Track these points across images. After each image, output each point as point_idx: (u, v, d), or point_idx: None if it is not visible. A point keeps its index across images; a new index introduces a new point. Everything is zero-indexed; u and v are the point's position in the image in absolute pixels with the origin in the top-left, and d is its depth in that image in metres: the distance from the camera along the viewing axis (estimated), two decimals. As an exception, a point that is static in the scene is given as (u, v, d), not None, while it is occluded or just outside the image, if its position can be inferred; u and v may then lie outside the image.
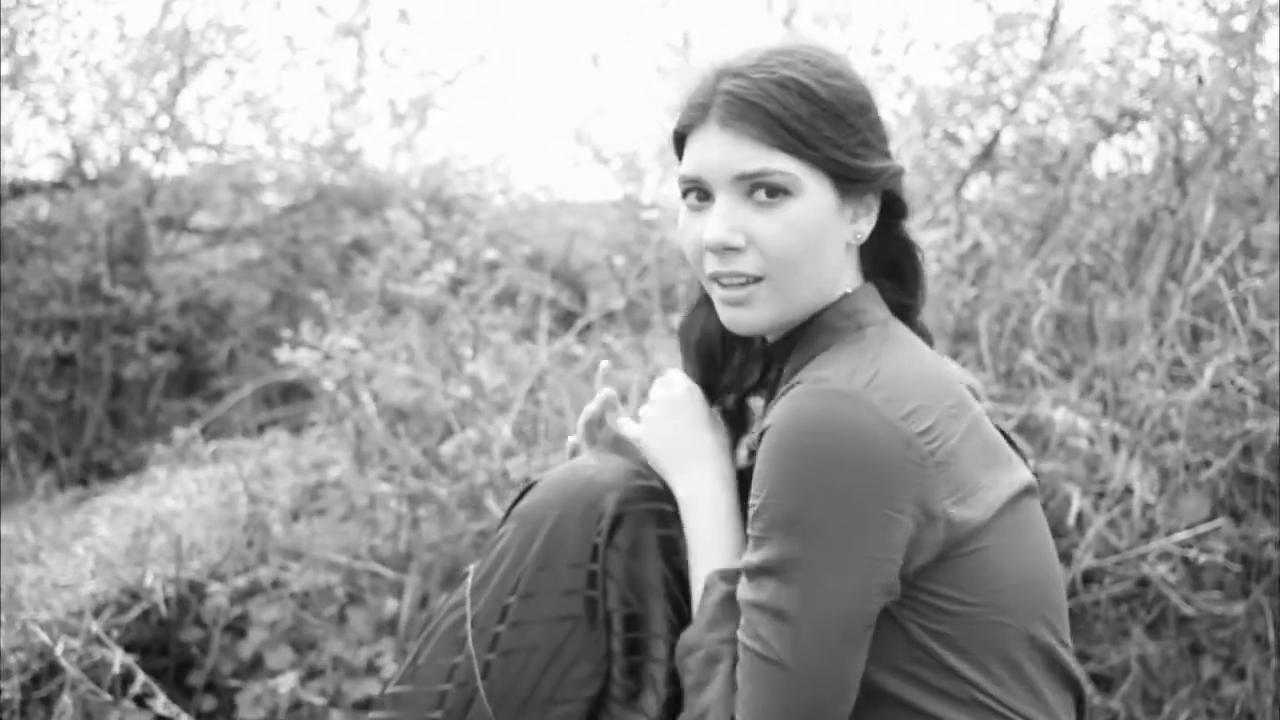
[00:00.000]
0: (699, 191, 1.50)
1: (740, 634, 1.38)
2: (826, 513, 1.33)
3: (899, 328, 1.54)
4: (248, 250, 5.69)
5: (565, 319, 4.62)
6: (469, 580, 1.58)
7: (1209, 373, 3.04)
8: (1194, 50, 3.83)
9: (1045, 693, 1.47)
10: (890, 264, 1.59)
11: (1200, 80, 3.75)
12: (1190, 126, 3.74)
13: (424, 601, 2.95)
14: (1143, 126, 3.91)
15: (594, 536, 1.52)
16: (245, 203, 5.64)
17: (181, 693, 2.88)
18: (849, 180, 1.46)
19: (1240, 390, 3.06)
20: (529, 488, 1.61)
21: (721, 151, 1.46)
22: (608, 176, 5.96)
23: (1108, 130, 3.89)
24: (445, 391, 3.18)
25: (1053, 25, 4.51)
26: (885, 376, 1.40)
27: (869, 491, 1.33)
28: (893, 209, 1.54)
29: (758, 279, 1.47)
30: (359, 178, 5.58)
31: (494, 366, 3.29)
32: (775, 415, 1.38)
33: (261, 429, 4.62)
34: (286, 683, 2.75)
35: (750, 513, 1.39)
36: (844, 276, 1.53)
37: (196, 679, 2.88)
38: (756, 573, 1.37)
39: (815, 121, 1.43)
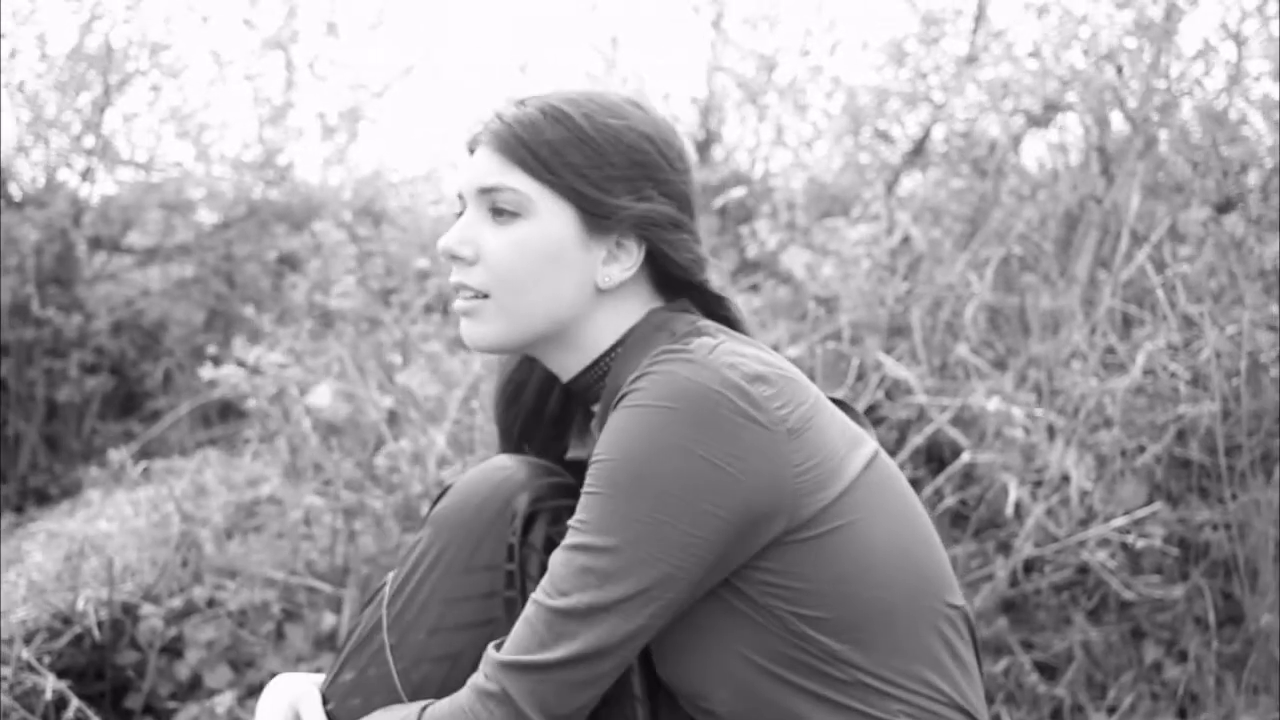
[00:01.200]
0: (460, 210, 1.54)
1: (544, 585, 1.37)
2: (650, 510, 1.32)
3: (715, 324, 1.52)
4: (181, 269, 5.62)
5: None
6: (386, 590, 1.55)
7: (1141, 359, 3.07)
8: (1114, 42, 3.86)
9: (944, 658, 1.45)
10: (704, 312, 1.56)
11: (1120, 70, 3.78)
12: (1114, 117, 3.77)
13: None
14: (1067, 118, 3.94)
15: (509, 536, 1.50)
16: (176, 220, 5.58)
17: (119, 717, 2.84)
18: (591, 214, 1.46)
19: (1172, 375, 3.08)
20: (444, 492, 1.59)
21: (475, 166, 1.50)
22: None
23: (1034, 122, 3.92)
24: (376, 403, 3.16)
25: (978, 20, 4.54)
26: (726, 349, 1.39)
27: (710, 481, 1.32)
28: (667, 265, 1.50)
29: (484, 295, 1.49)
30: (290, 192, 5.53)
31: (427, 376, 3.27)
32: (623, 393, 1.37)
33: (199, 447, 4.57)
34: (224, 702, 2.72)
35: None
36: (607, 315, 1.51)
37: (134, 702, 2.84)
38: (573, 574, 1.34)
39: (564, 149, 1.44)
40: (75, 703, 2.58)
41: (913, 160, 4.55)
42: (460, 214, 1.53)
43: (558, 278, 1.47)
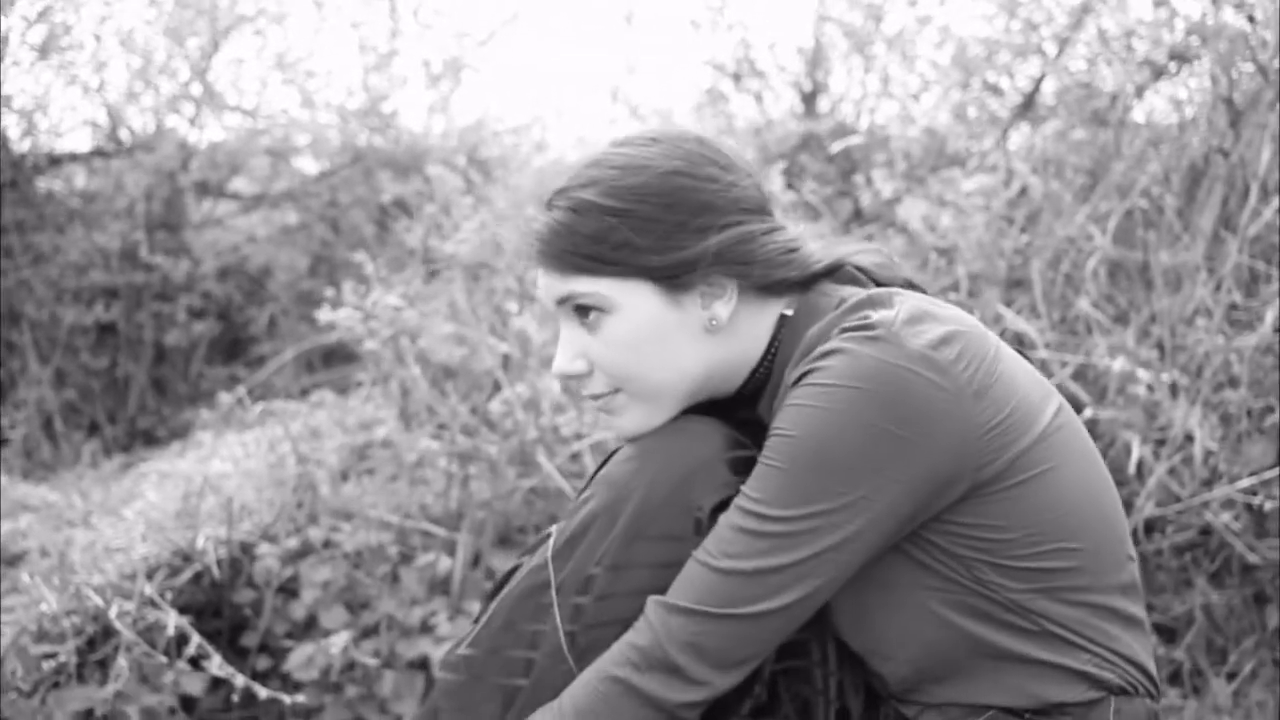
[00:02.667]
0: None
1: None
2: (837, 487, 1.32)
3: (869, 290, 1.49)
4: (285, 215, 5.67)
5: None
6: (550, 543, 1.51)
7: (1271, 316, 2.98)
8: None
9: (1125, 609, 1.46)
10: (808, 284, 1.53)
11: (1252, 20, 3.67)
12: (1243, 67, 3.67)
13: (476, 560, 2.93)
14: (1193, 68, 3.84)
15: (694, 510, 1.44)
16: (281, 167, 5.61)
17: (235, 654, 2.86)
18: (665, 279, 1.43)
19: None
20: (615, 451, 1.55)
21: (543, 284, 1.49)
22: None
23: (1157, 72, 3.82)
24: (492, 348, 3.15)
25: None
26: (905, 316, 1.37)
27: (898, 454, 1.32)
28: (761, 276, 1.47)
29: (615, 391, 1.48)
30: (395, 140, 5.55)
31: (540, 323, 3.26)
32: (806, 370, 1.37)
33: (304, 393, 4.61)
34: (339, 642, 2.73)
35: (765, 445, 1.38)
36: (737, 340, 1.49)
37: (250, 640, 2.87)
38: (739, 537, 1.36)
39: (607, 235, 1.41)
40: (196, 639, 2.60)
41: (1022, 113, 4.47)
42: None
43: (669, 349, 1.46)
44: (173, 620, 2.61)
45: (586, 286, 1.43)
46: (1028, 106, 4.45)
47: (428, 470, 3.08)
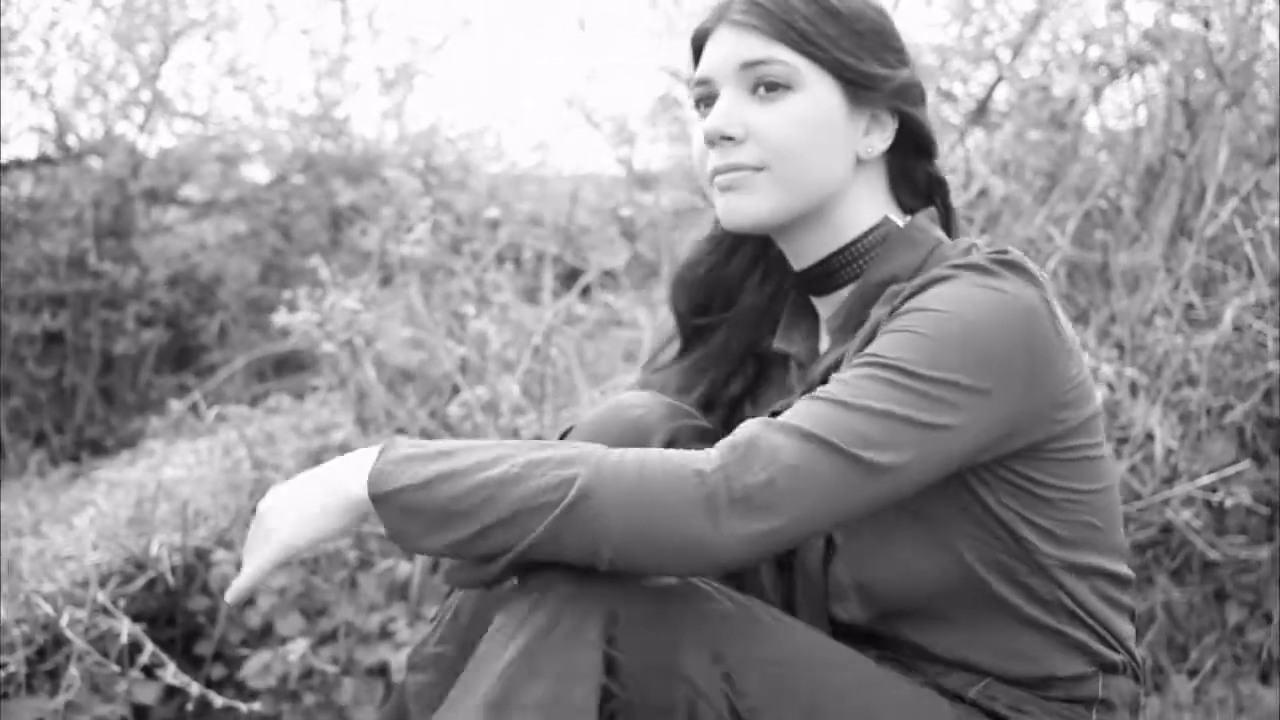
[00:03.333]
0: (708, 97, 1.50)
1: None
2: (975, 368, 1.30)
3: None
4: (236, 222, 5.60)
5: (567, 278, 4.55)
6: None
7: (1229, 315, 3.00)
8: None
9: (1122, 599, 1.48)
10: (921, 197, 1.54)
11: (1207, 24, 3.70)
12: (1200, 71, 3.69)
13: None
14: (1149, 71, 3.86)
15: None
16: (232, 174, 5.55)
17: (190, 662, 2.82)
18: (855, 85, 1.45)
19: (1259, 333, 3.02)
20: (568, 430, 1.55)
21: (727, 46, 1.46)
22: (599, 141, 5.90)
23: (1113, 74, 3.84)
24: (450, 351, 3.12)
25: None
26: (1026, 261, 1.39)
27: (1022, 370, 1.32)
28: (916, 138, 1.50)
29: (758, 169, 1.45)
30: (347, 146, 5.50)
31: (498, 326, 3.23)
32: (941, 274, 1.36)
33: (255, 402, 4.55)
34: (296, 649, 2.70)
35: (884, 331, 1.35)
36: (861, 194, 1.49)
37: (205, 648, 2.83)
38: (875, 381, 1.30)
39: (821, 22, 1.43)
40: (149, 647, 2.56)
41: (977, 119, 4.48)
42: (704, 108, 1.51)
43: (831, 148, 1.45)
44: (126, 628, 2.57)
45: (787, 56, 1.43)
46: (982, 112, 4.46)
47: (386, 475, 3.03)
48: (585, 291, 4.17)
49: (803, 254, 1.52)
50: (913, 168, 1.52)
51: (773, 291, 1.65)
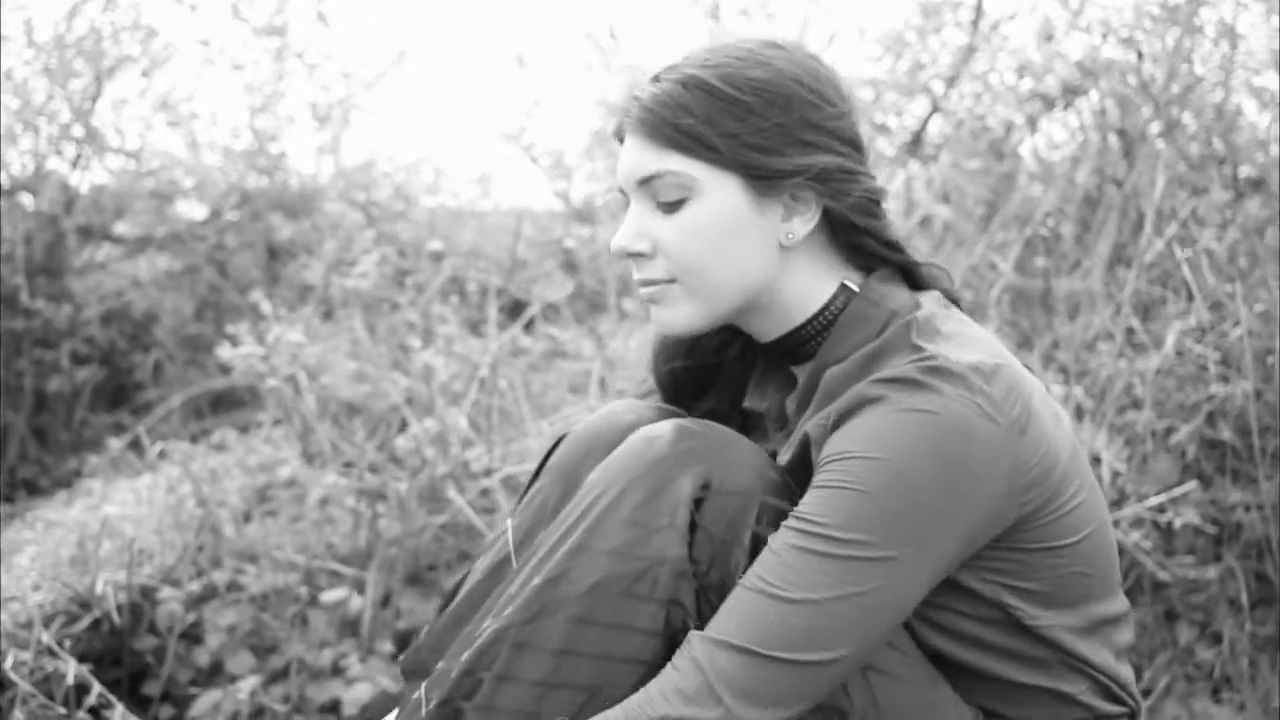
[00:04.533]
0: (625, 202, 1.47)
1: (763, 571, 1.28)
2: (920, 521, 1.27)
3: (925, 297, 1.46)
4: (171, 259, 5.55)
5: (510, 310, 4.54)
6: (509, 536, 1.49)
7: (1171, 339, 3.03)
8: (1130, 25, 3.85)
9: (1118, 638, 1.47)
10: (874, 259, 1.49)
11: (1139, 55, 3.76)
12: (1135, 100, 3.75)
13: (387, 599, 2.86)
14: (1084, 101, 3.92)
15: (675, 498, 1.38)
16: (167, 210, 5.50)
17: (137, 703, 2.76)
18: (757, 178, 1.39)
19: (1200, 356, 3.06)
20: (561, 439, 1.55)
21: (628, 157, 1.43)
22: (537, 175, 5.90)
23: (1049, 104, 3.90)
24: (396, 384, 3.10)
25: (979, 11, 4.52)
26: (962, 344, 1.35)
27: (976, 491, 1.29)
28: (845, 216, 1.43)
29: (670, 281, 1.43)
30: (283, 182, 5.47)
31: (444, 358, 3.21)
32: (870, 393, 1.31)
33: (195, 440, 4.50)
34: (247, 688, 2.65)
35: (819, 485, 1.31)
36: (799, 275, 1.45)
37: (153, 688, 2.77)
38: (811, 563, 1.27)
39: (714, 118, 1.37)
40: (97, 688, 2.50)
41: (912, 151, 4.52)
42: (625, 203, 1.47)
43: (739, 249, 1.41)
44: (72, 669, 2.51)
45: (679, 165, 1.38)
46: (916, 144, 4.51)
47: (334, 509, 3.00)
48: (529, 324, 4.16)
49: (761, 334, 1.51)
50: (853, 238, 1.46)
51: (751, 358, 1.64)
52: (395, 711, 1.50)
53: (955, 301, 1.52)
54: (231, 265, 5.41)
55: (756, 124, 1.37)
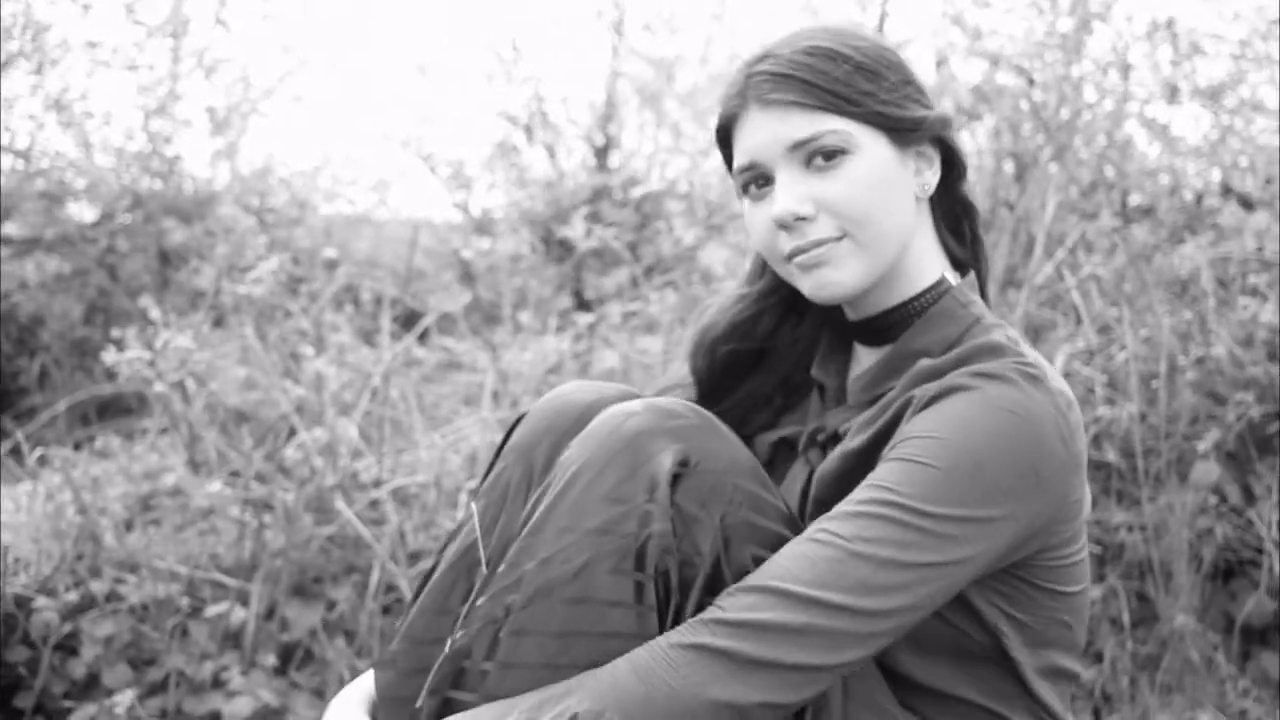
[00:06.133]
0: (758, 179, 1.48)
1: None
2: (981, 502, 1.30)
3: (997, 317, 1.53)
4: (60, 261, 5.43)
5: (405, 321, 4.50)
6: (475, 521, 1.49)
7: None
8: (1023, 53, 3.91)
9: (1065, 695, 1.50)
10: (954, 222, 1.56)
11: (1031, 81, 3.82)
12: (1025, 126, 3.81)
13: (271, 611, 2.82)
14: (979, 125, 3.97)
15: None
16: (56, 211, 5.38)
17: (9, 716, 2.69)
18: (900, 131, 1.45)
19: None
20: (519, 420, 1.55)
21: (768, 129, 1.45)
22: (436, 185, 5.87)
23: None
24: (286, 392, 3.05)
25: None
26: (1049, 367, 1.40)
27: (1028, 493, 1.33)
28: (952, 165, 1.52)
29: (838, 239, 1.45)
30: (178, 186, 5.38)
31: (336, 368, 3.17)
32: (965, 382, 1.35)
33: (79, 447, 4.40)
34: (123, 702, 2.59)
35: (899, 453, 1.34)
36: (923, 236, 1.51)
37: (25, 700, 2.70)
38: (879, 519, 1.29)
39: (852, 79, 1.43)
40: (-34, 700, 2.44)
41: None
42: (755, 188, 1.48)
43: (896, 200, 1.45)
44: (-59, 680, 2.45)
45: (835, 124, 1.42)
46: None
47: (219, 519, 2.95)
48: (424, 335, 4.13)
49: (862, 308, 1.53)
50: (950, 193, 1.53)
51: (807, 332, 1.66)
52: (355, 697, 1.50)
53: None
54: (122, 269, 5.31)
55: (884, 82, 1.44)
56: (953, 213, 1.55)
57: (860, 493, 1.33)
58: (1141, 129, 4.28)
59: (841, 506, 1.33)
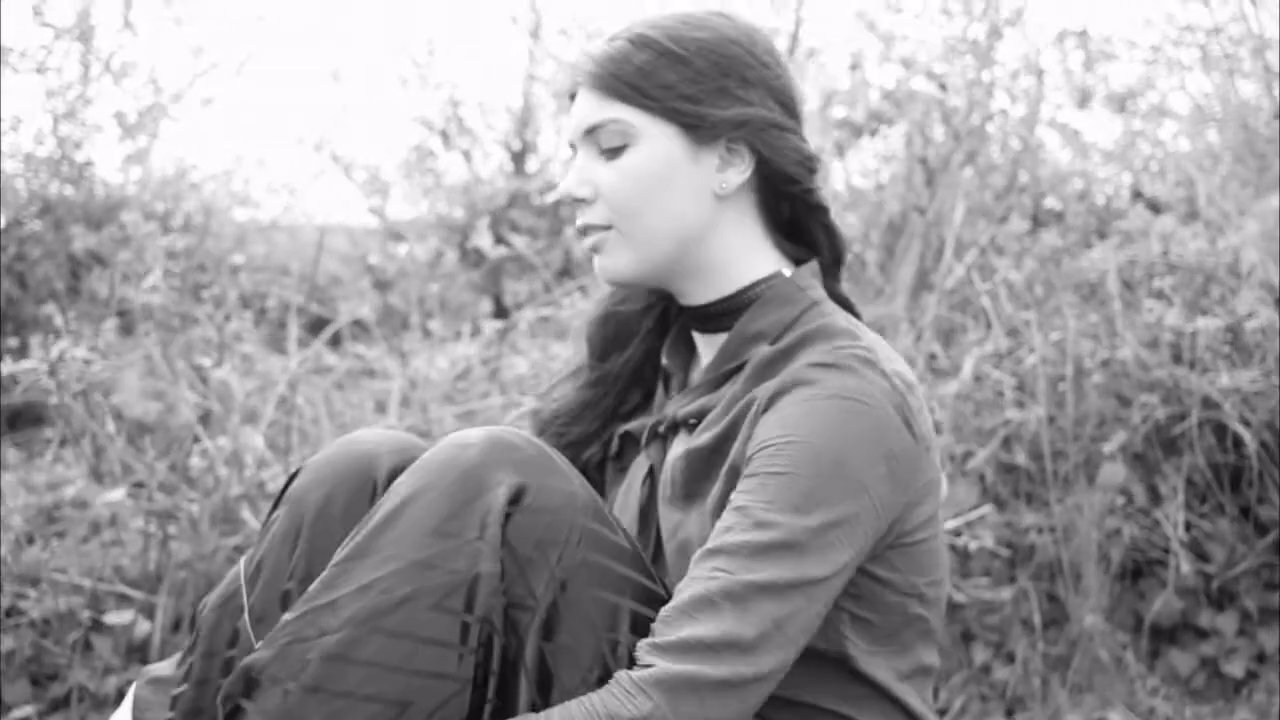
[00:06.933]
0: (574, 153, 1.53)
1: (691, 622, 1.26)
2: (847, 497, 1.30)
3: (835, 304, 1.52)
4: (-35, 268, 5.33)
5: (313, 328, 4.46)
6: (240, 570, 1.48)
7: (969, 365, 3.10)
8: (935, 58, 3.93)
9: (930, 675, 1.48)
10: (789, 218, 1.54)
11: (943, 87, 3.85)
12: (937, 131, 3.84)
13: (177, 624, 2.77)
14: (890, 131, 3.99)
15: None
16: (-39, 218, 5.28)
17: (-96, 735, 2.63)
18: (692, 126, 1.44)
19: (997, 382, 3.13)
20: (297, 472, 1.53)
21: (576, 109, 1.50)
22: (352, 191, 5.83)
23: (856, 132, 3.96)
24: (190, 402, 3.01)
25: (795, 39, 4.59)
26: (888, 352, 1.41)
27: (894, 490, 1.34)
28: (775, 167, 1.47)
29: (607, 228, 1.48)
30: (88, 191, 5.29)
31: (241, 376, 3.13)
32: (804, 376, 1.35)
33: (-18, 457, 4.32)
34: (25, 718, 2.55)
35: (759, 467, 1.32)
36: (733, 231, 1.49)
37: (-79, 719, 2.65)
38: (766, 550, 1.28)
39: (654, 71, 1.44)
40: None
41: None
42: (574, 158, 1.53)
43: (673, 195, 1.46)
44: None
45: (619, 113, 1.45)
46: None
47: (123, 531, 2.90)
48: (336, 342, 4.09)
49: (688, 295, 1.53)
50: (784, 196, 1.51)
51: (665, 322, 1.67)
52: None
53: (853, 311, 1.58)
54: (31, 276, 5.21)
55: (692, 76, 1.44)
56: (783, 209, 1.53)
57: (733, 518, 1.31)
58: (1053, 133, 4.33)
59: (724, 538, 1.30)
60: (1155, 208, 3.86)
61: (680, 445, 1.48)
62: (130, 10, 5.34)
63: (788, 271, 1.51)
